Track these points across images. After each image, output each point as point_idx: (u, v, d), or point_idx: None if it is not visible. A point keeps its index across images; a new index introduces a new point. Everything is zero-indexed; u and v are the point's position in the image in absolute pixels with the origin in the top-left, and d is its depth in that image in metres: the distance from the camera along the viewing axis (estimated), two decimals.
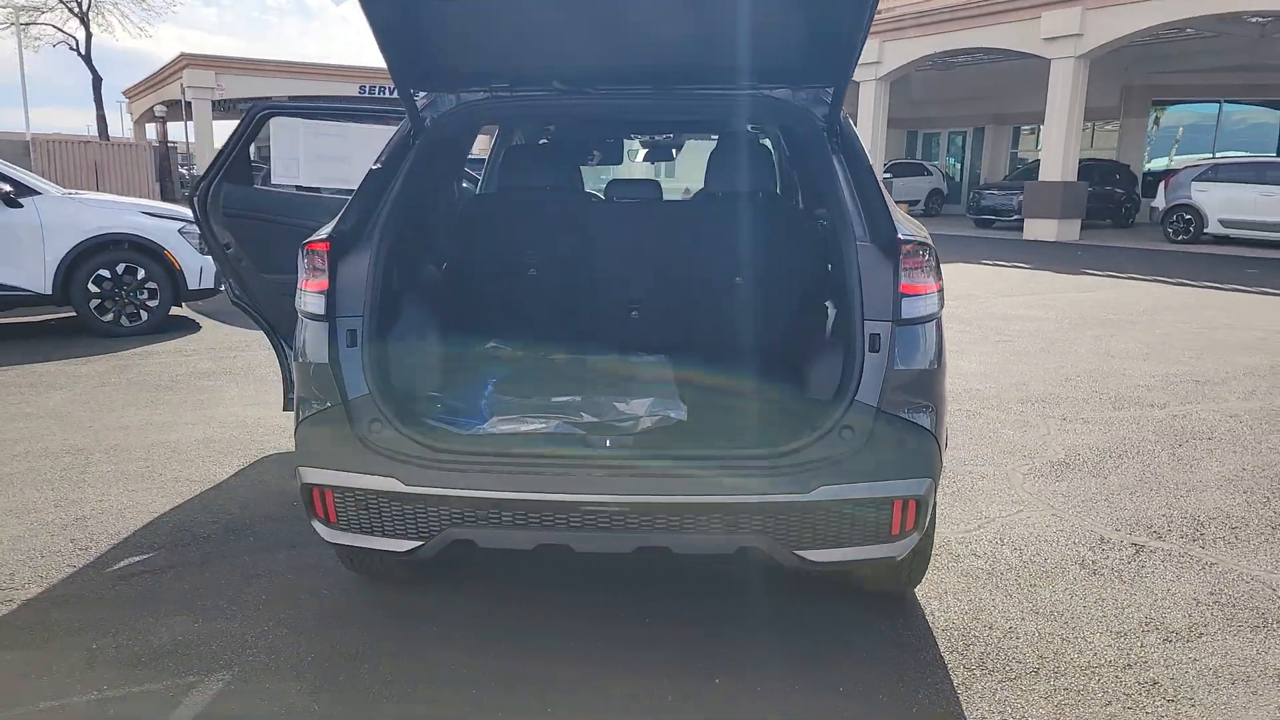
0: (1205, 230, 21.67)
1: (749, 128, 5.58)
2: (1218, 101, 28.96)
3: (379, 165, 3.66)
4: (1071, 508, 5.13)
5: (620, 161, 7.17)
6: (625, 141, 7.20)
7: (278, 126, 5.13)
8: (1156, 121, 30.49)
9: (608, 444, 3.34)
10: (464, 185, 6.72)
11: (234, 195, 5.03)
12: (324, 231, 3.43)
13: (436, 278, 4.61)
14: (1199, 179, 21.90)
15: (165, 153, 34.32)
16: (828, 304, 3.95)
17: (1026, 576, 4.26)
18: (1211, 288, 14.50)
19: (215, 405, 7.12)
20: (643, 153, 7.40)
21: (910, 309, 3.20)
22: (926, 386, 3.24)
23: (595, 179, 7.46)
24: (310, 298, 3.33)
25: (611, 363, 4.48)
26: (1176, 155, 29.71)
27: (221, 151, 5.01)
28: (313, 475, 3.22)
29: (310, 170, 5.45)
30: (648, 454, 3.27)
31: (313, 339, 3.32)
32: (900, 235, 3.23)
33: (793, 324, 4.45)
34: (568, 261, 5.00)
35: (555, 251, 4.99)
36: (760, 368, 4.39)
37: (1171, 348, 9.58)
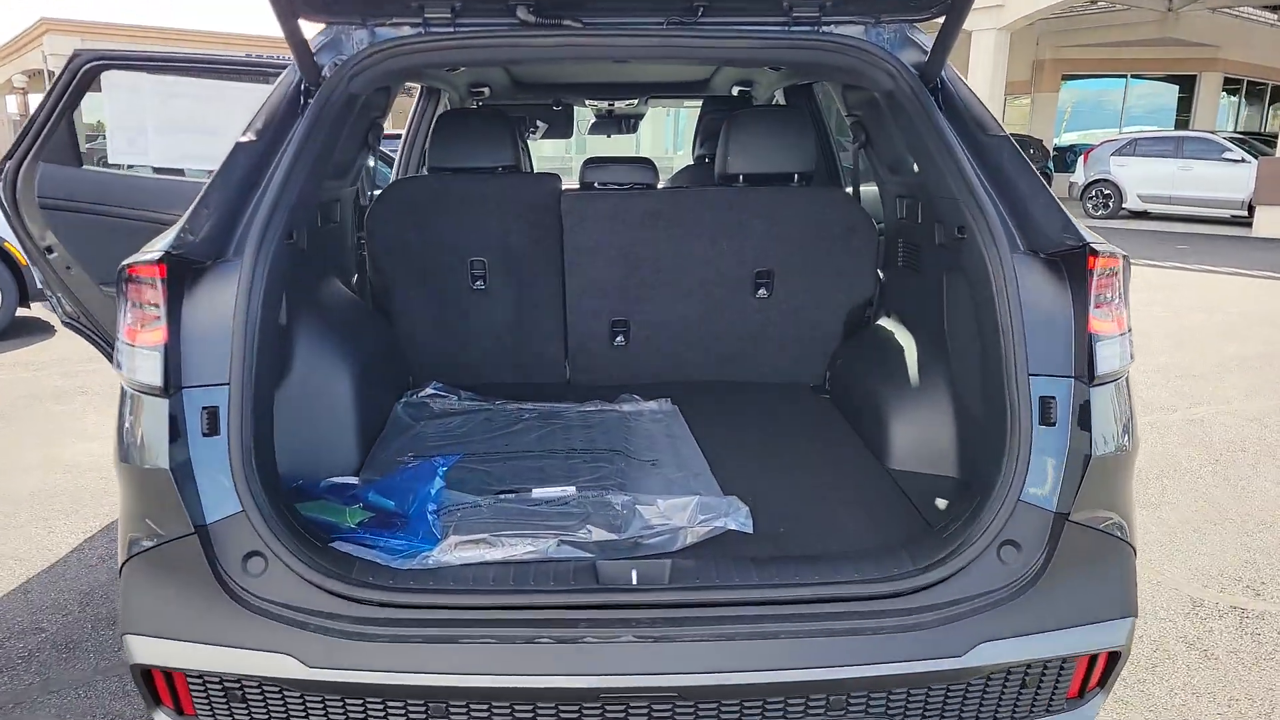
0: (1124, 205, 21.67)
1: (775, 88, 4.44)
2: (1124, 76, 29.30)
3: (250, 137, 2.40)
4: (1141, 554, 4.23)
5: (570, 133, 5.95)
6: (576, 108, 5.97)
7: (113, 85, 3.73)
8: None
9: (634, 580, 2.19)
10: (376, 167, 5.41)
11: (54, 179, 3.64)
12: (157, 246, 2.17)
13: (343, 304, 3.35)
14: (1117, 153, 21.83)
15: None
16: (949, 343, 2.91)
17: (1130, 668, 3.35)
18: (1151, 266, 14.18)
19: (63, 439, 5.67)
20: (592, 120, 6.15)
21: (1106, 358, 2.16)
22: (1123, 476, 2.23)
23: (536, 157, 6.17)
24: (138, 358, 2.08)
25: (610, 423, 3.34)
26: (1085, 131, 30.00)
27: (34, 120, 3.58)
28: (148, 650, 2.01)
29: (163, 145, 4.07)
30: (700, 598, 2.14)
31: (145, 428, 2.08)
32: (1090, 242, 2.19)
33: (880, 368, 3.37)
34: (528, 270, 3.81)
35: (509, 257, 3.80)
36: (835, 436, 3.36)
37: (1148, 337, 8.98)
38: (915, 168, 3.30)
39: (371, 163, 4.08)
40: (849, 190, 4.09)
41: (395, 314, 3.88)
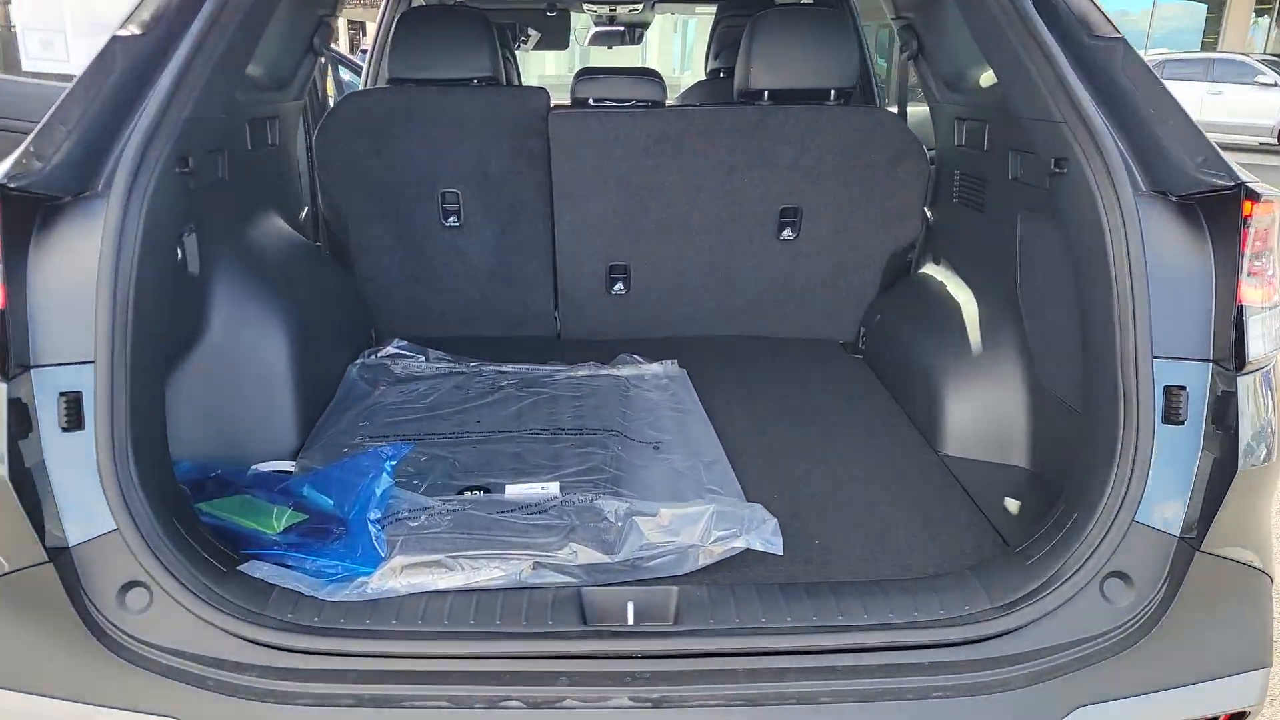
0: None
1: None
2: None
3: (133, 30, 1.80)
4: None
5: (565, 44, 5.23)
6: (573, 13, 5.22)
7: None
8: None
9: (630, 618, 1.70)
10: (341, 80, 4.75)
11: None
12: None
13: (283, 246, 2.77)
14: None
15: None
16: (1022, 302, 2.37)
17: None
18: None
19: None
20: (591, 31, 5.36)
21: (1258, 338, 1.66)
22: (1267, 490, 1.74)
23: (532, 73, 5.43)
24: None
25: (605, 393, 2.78)
26: None
27: None
28: None
29: (87, 51, 3.40)
30: (716, 645, 1.66)
31: None
32: (1245, 182, 1.68)
33: (930, 330, 2.81)
34: (510, 204, 3.22)
35: (487, 188, 3.20)
36: (874, 409, 2.82)
37: None
38: (984, 82, 2.68)
39: (345, 77, 3.42)
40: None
41: (353, 256, 3.29)
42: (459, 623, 1.73)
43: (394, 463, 2.08)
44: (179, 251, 2.11)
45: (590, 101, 3.12)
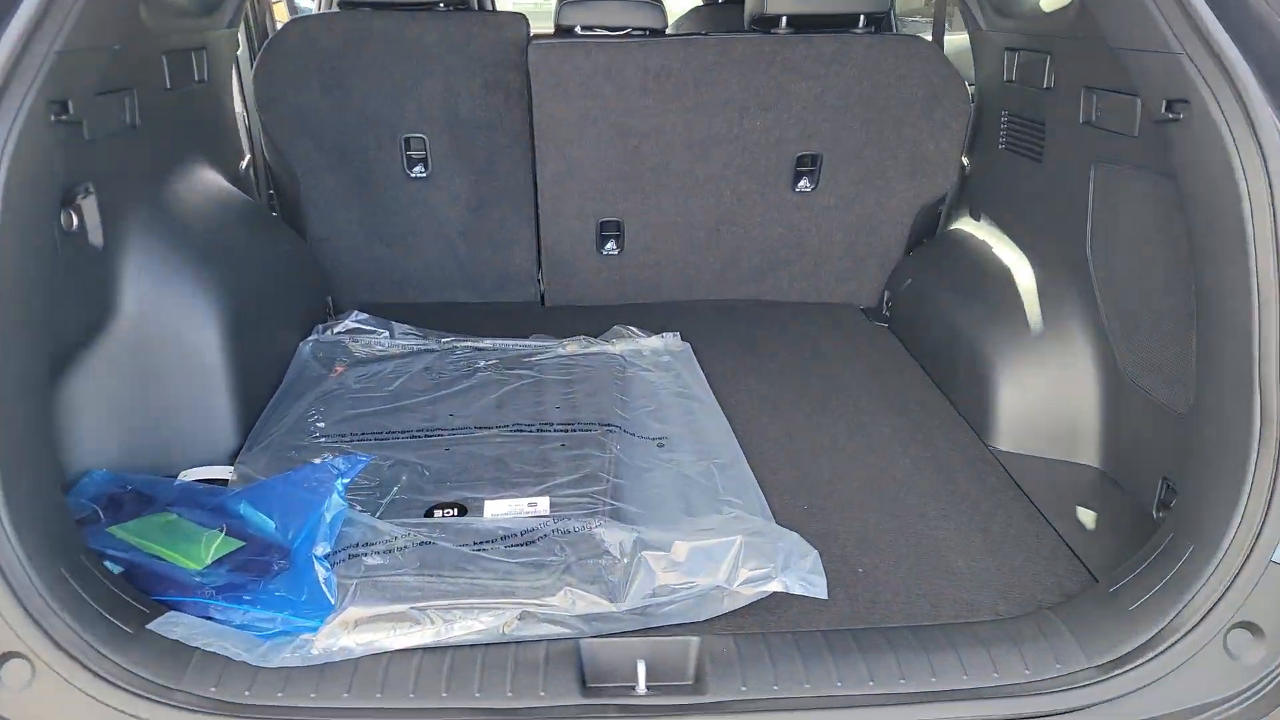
0: None
1: None
2: None
3: None
4: None
5: None
6: None
7: None
8: None
9: (641, 683, 1.37)
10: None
11: None
12: None
13: (214, 205, 2.32)
14: None
15: None
16: (1094, 272, 1.99)
17: None
18: None
19: None
20: None
21: None
22: None
23: None
24: None
25: (599, 374, 2.38)
26: None
27: None
28: None
29: None
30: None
31: None
32: None
33: (977, 299, 2.44)
34: (486, 151, 2.80)
35: (458, 132, 2.77)
36: (908, 388, 2.46)
37: None
38: (1048, 4, 2.26)
39: (303, 2, 2.92)
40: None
41: (304, 214, 2.86)
42: (428, 693, 1.38)
43: (347, 481, 1.70)
44: (70, 219, 1.69)
45: (578, 29, 2.66)
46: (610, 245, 2.93)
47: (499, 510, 1.78)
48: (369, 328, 2.59)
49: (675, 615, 1.53)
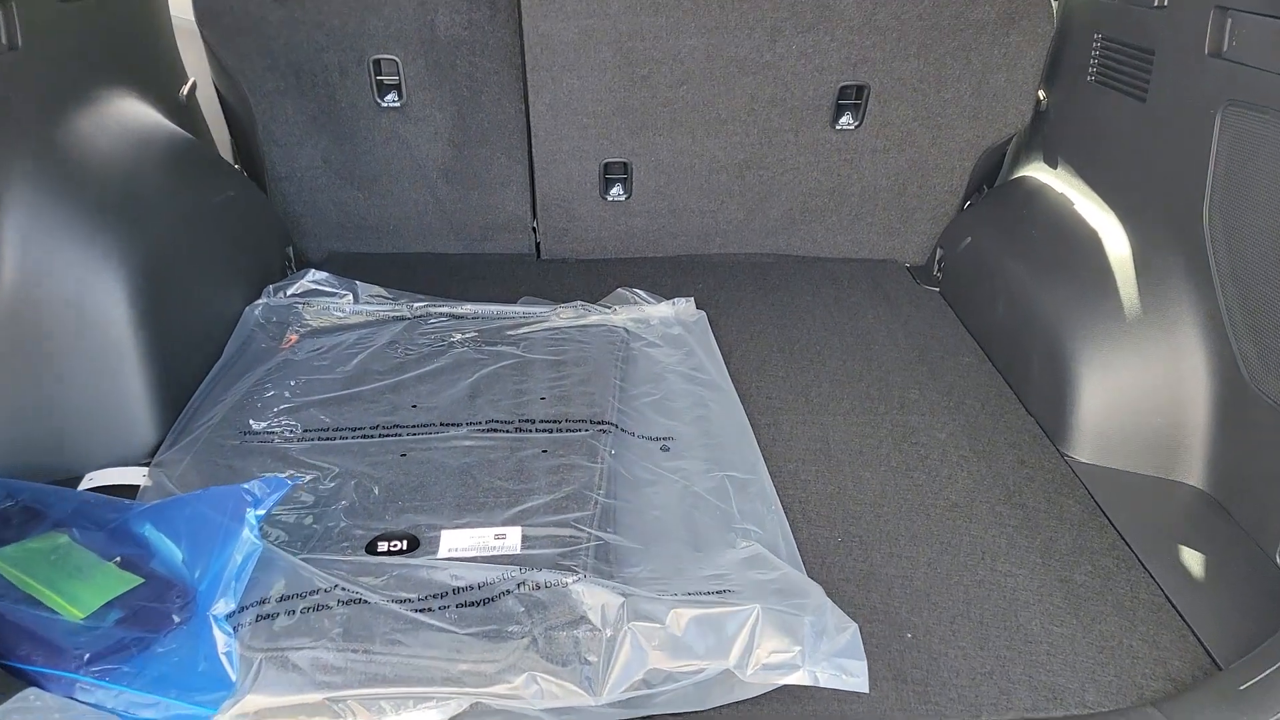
0: None
1: None
2: None
3: None
4: None
5: None
6: None
7: None
8: None
9: None
10: None
11: None
12: None
13: (133, 142, 1.91)
14: None
15: None
16: (1210, 246, 1.56)
17: None
18: None
19: None
20: None
21: None
22: None
23: None
24: None
25: (595, 351, 1.96)
26: None
27: None
28: None
29: None
30: None
31: None
32: None
33: (1053, 268, 2.03)
34: (470, 76, 2.40)
35: (437, 54, 2.36)
36: (962, 371, 2.05)
37: None
38: None
39: None
40: None
41: (259, 149, 2.46)
42: None
43: (261, 514, 1.35)
44: None
45: None
46: (616, 190, 2.51)
47: (458, 544, 1.43)
48: (329, 289, 2.21)
49: (670, 705, 1.19)
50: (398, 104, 2.41)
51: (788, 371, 2.06)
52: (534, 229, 2.63)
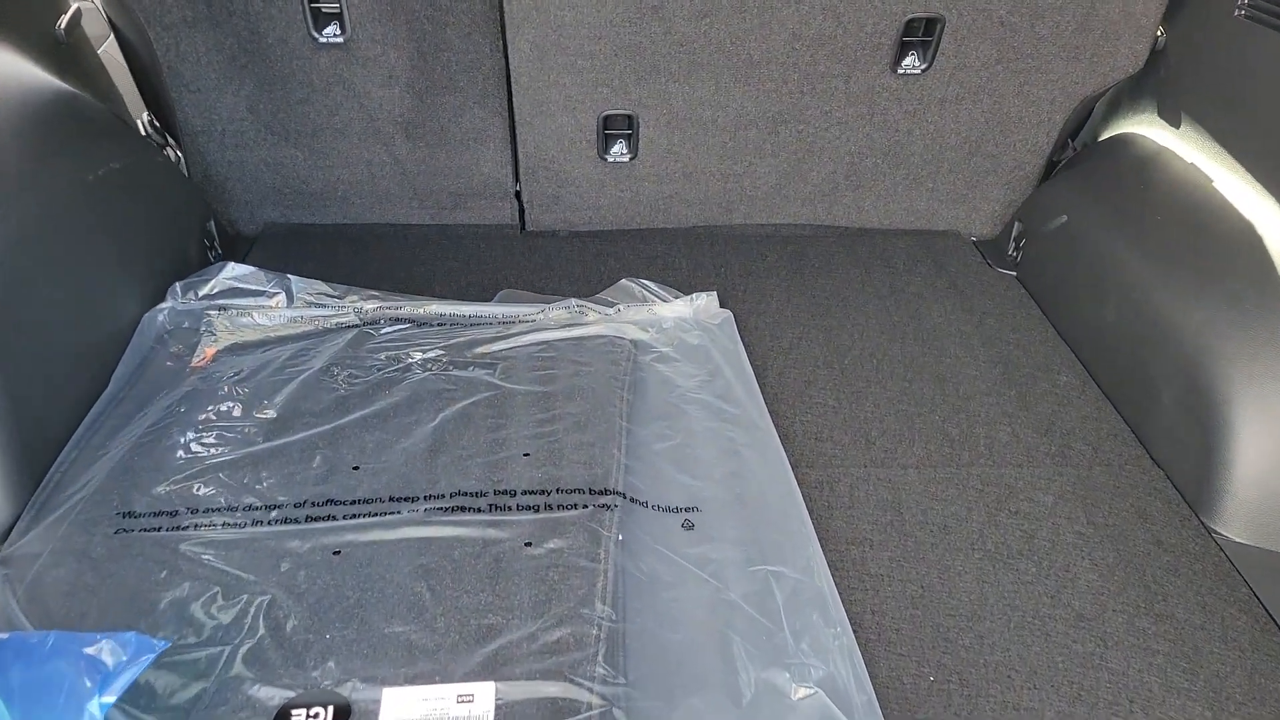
0: None
1: None
2: None
3: None
4: None
5: None
6: None
7: None
8: None
9: None
10: None
11: None
12: None
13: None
14: None
15: None
16: None
17: None
18: None
19: None
20: None
21: None
22: None
23: None
24: None
25: (592, 377, 1.44)
26: None
27: None
28: None
29: None
30: None
31: None
32: None
33: (1184, 266, 1.57)
34: (429, 2, 1.87)
35: None
36: (1056, 397, 1.56)
37: None
38: None
39: None
40: None
41: (168, 93, 1.95)
42: None
43: (110, 701, 0.92)
44: None
45: None
46: (618, 148, 2.02)
47: (406, 713, 1.01)
48: (254, 286, 1.74)
49: None
50: (340, 39, 1.89)
51: (839, 398, 1.62)
52: (517, 195, 2.14)
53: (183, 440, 1.41)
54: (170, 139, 2.11)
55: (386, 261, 2.04)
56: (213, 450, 1.39)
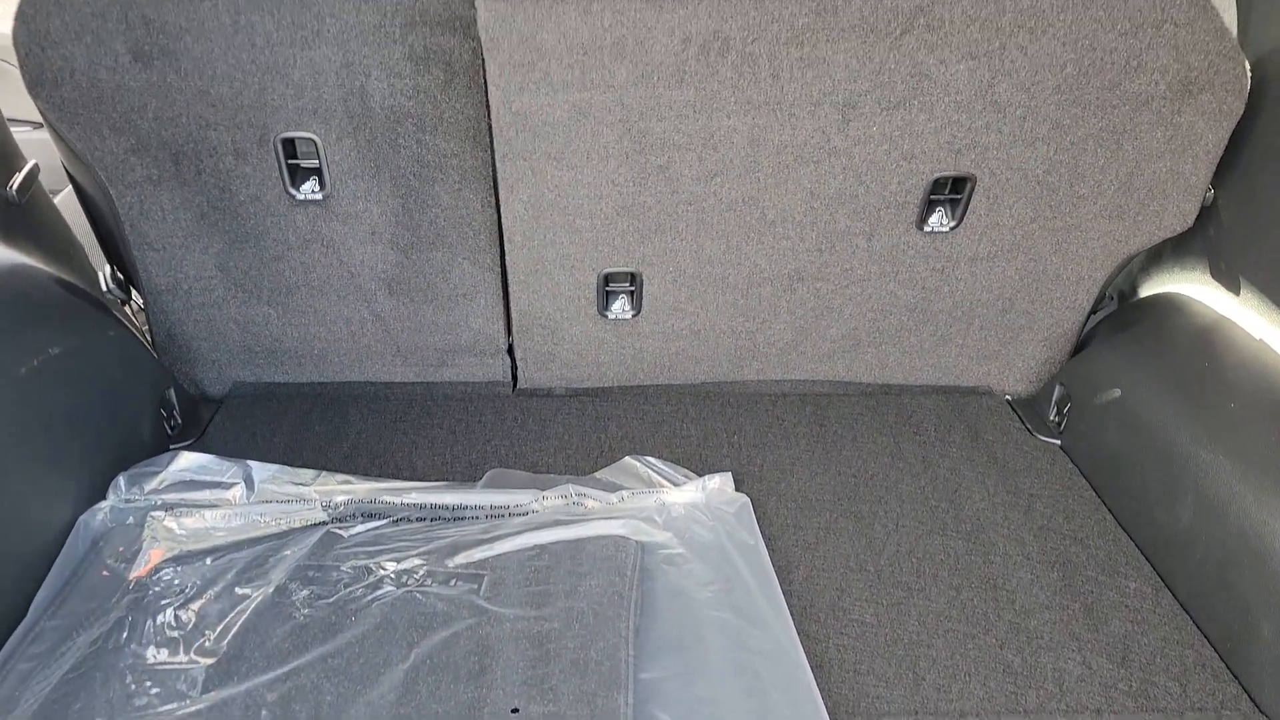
0: None
1: None
2: None
3: None
4: None
5: None
6: None
7: None
8: None
9: None
10: None
11: None
12: None
13: None
14: None
15: None
16: None
17: None
18: None
19: None
20: None
21: None
22: None
23: None
24: None
25: (594, 597, 1.31)
26: None
27: None
28: None
29: None
30: None
31: None
32: None
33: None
34: (419, 153, 1.76)
35: (371, 129, 1.73)
36: (1155, 643, 1.41)
37: None
38: None
39: None
40: None
41: (129, 251, 1.79)
42: None
43: None
44: None
45: None
46: (620, 305, 1.85)
47: None
48: (208, 477, 1.55)
49: None
50: (319, 195, 1.74)
51: (878, 613, 1.40)
52: (509, 351, 1.97)
53: (108, 693, 1.19)
54: (134, 293, 1.95)
55: (365, 428, 1.85)
56: (144, 703, 1.17)
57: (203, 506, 1.49)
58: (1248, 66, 1.53)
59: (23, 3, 1.51)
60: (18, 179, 1.67)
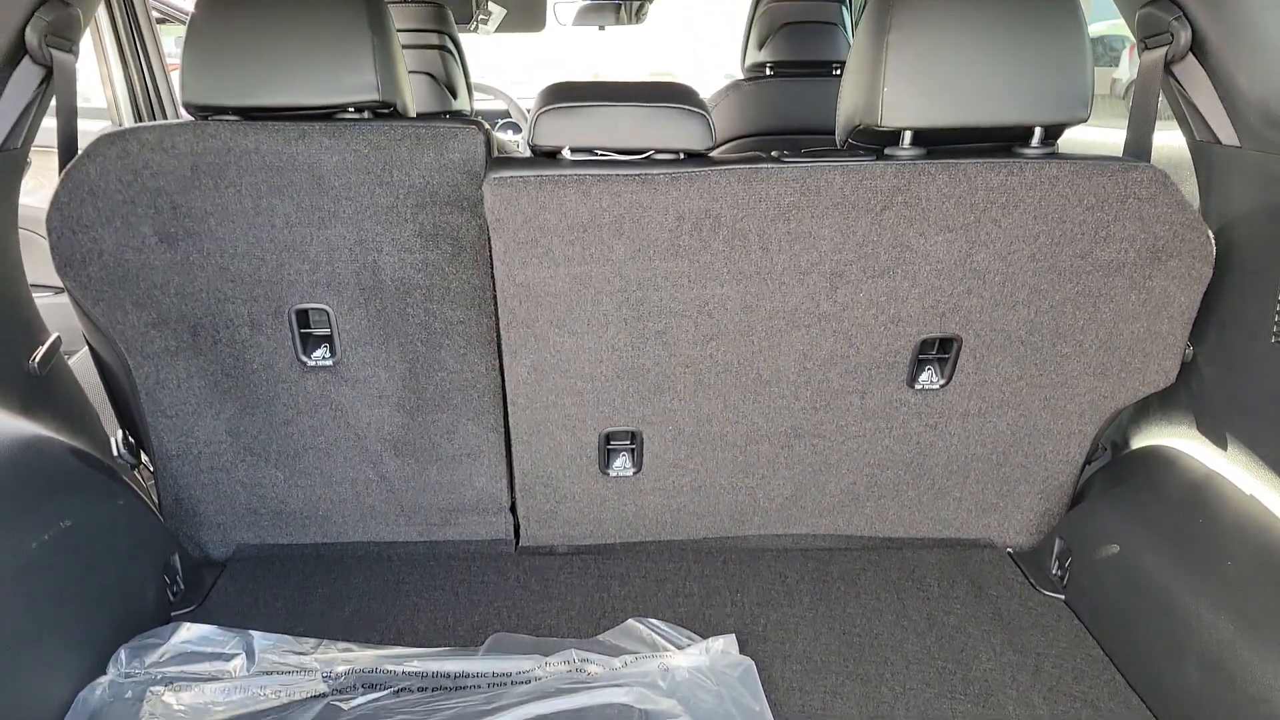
0: None
1: None
2: None
3: None
4: None
5: (540, 23, 3.68)
6: None
7: None
8: None
9: None
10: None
11: None
12: None
13: None
14: None
15: None
16: None
17: None
18: None
19: None
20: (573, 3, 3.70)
21: None
22: None
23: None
24: None
25: None
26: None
27: None
28: None
29: None
30: None
31: None
32: None
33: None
34: (426, 323, 1.85)
35: (381, 300, 1.80)
36: None
37: None
38: None
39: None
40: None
41: (143, 418, 1.84)
42: None
43: None
44: None
45: (565, 153, 1.63)
46: (621, 463, 1.89)
47: None
48: (209, 649, 1.54)
49: None
50: (329, 362, 1.81)
51: None
52: (512, 509, 1.99)
53: None
54: (144, 458, 1.99)
55: (367, 589, 1.85)
56: None
57: (203, 680, 1.48)
58: (1211, 235, 1.62)
59: (59, 190, 1.62)
60: (40, 352, 1.74)
